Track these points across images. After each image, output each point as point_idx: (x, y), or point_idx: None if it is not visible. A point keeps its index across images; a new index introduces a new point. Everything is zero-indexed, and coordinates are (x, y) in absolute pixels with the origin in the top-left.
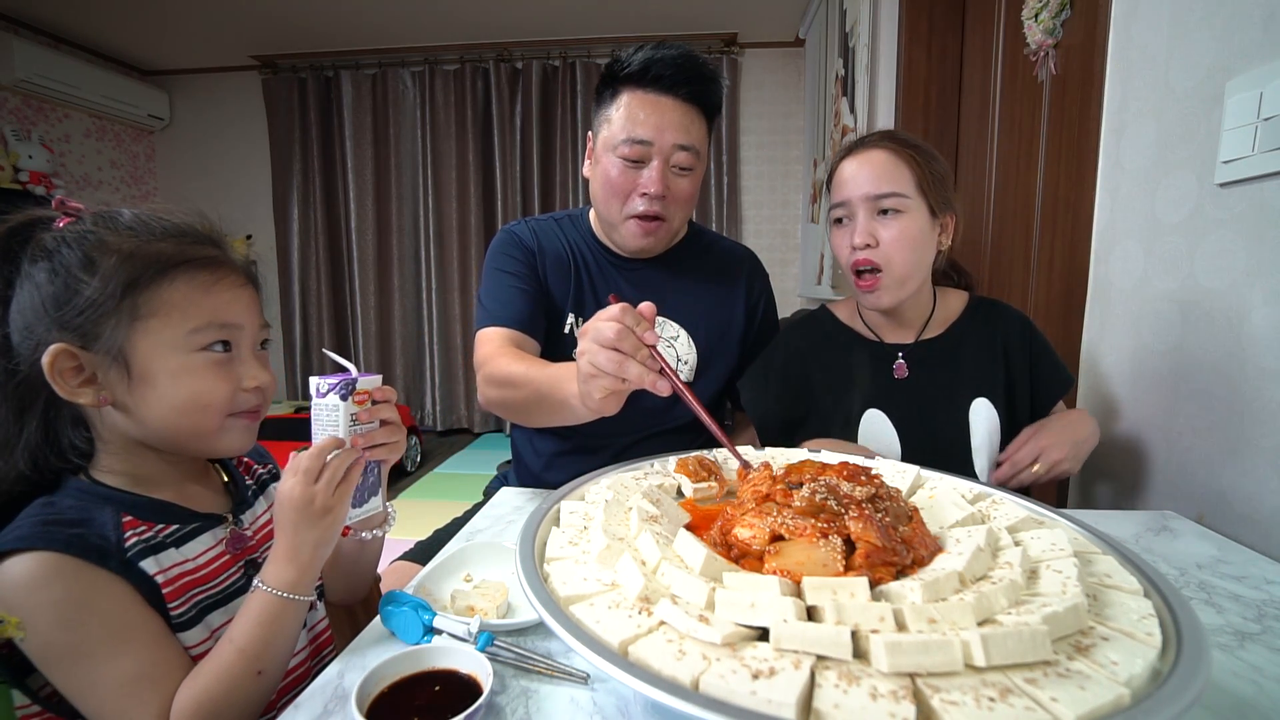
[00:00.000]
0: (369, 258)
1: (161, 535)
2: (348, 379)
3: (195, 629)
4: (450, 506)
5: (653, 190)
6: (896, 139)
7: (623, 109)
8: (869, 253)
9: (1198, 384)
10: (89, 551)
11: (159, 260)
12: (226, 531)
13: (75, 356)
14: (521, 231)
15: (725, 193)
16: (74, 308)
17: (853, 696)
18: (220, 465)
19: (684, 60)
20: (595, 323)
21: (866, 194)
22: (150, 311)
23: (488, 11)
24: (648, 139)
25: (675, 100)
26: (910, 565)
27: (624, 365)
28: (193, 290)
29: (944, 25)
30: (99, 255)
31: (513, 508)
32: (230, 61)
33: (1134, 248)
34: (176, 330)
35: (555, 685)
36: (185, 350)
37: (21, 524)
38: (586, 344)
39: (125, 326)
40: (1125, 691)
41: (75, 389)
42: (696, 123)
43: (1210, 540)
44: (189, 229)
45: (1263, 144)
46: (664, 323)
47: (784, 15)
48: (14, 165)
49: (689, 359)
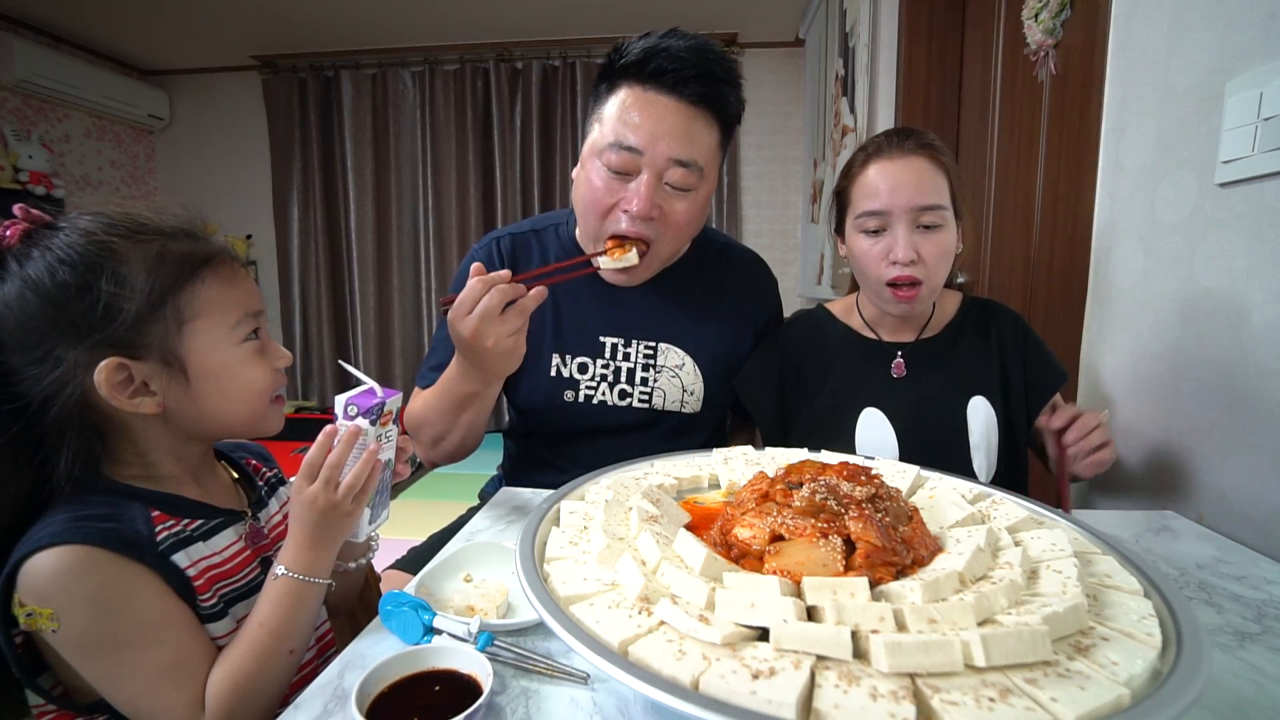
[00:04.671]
0: (369, 258)
1: (189, 529)
2: (377, 403)
3: (223, 621)
4: (450, 507)
5: (635, 208)
6: (932, 145)
7: (616, 107)
8: (913, 269)
9: (1197, 384)
10: (124, 545)
11: (185, 261)
12: (246, 527)
13: (126, 368)
14: (489, 255)
15: (725, 193)
16: (120, 324)
17: (853, 697)
18: (228, 462)
19: (694, 53)
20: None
21: (910, 205)
22: (194, 313)
23: (488, 11)
24: (637, 147)
25: (678, 101)
26: (910, 565)
27: (490, 298)
28: (222, 285)
29: (944, 25)
30: (117, 265)
31: (512, 508)
32: (230, 61)
33: (1134, 248)
34: (222, 327)
35: (555, 685)
36: (232, 344)
37: (52, 523)
38: (461, 326)
39: (174, 332)
40: (1125, 692)
41: (131, 400)
42: (704, 132)
43: (1210, 540)
44: (187, 226)
45: (1263, 144)
46: (667, 349)
47: (784, 15)
48: (14, 165)
49: (695, 389)
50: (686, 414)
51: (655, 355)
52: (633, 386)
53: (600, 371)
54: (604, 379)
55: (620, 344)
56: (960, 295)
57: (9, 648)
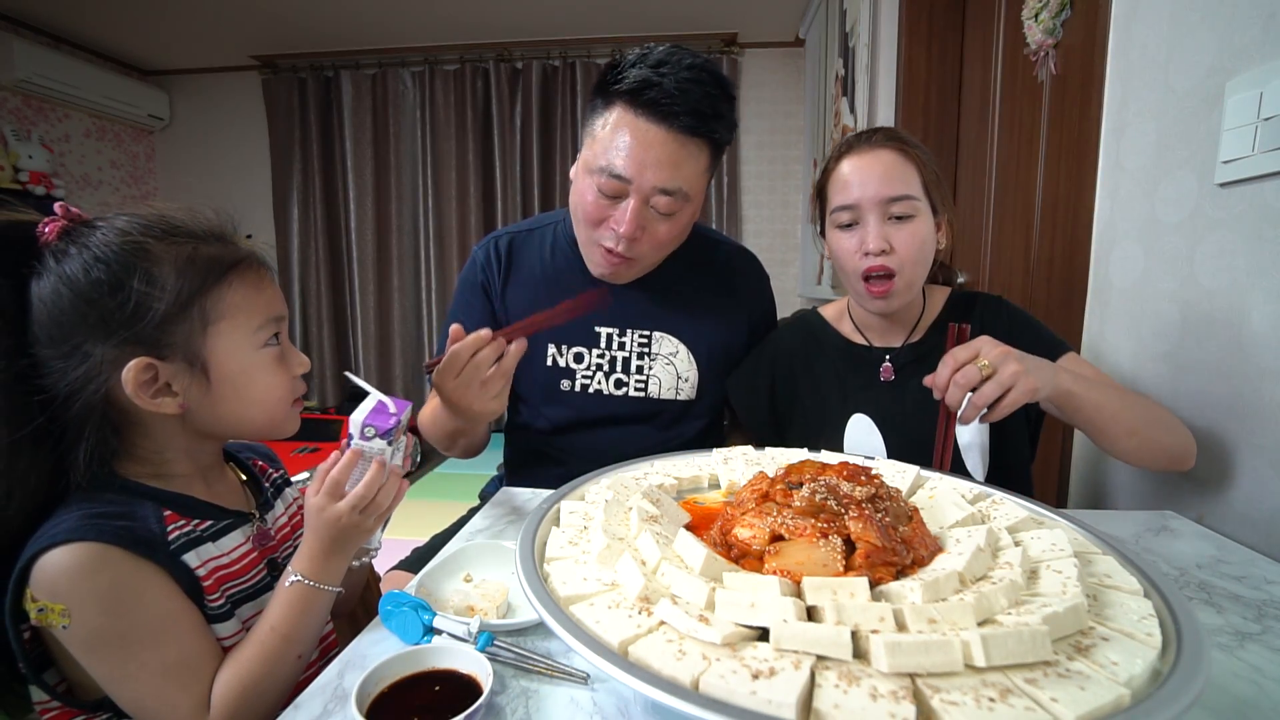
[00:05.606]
0: (369, 258)
1: (199, 530)
2: (394, 423)
3: (229, 621)
4: (450, 507)
5: (623, 231)
6: (900, 138)
7: (609, 129)
8: (884, 259)
9: (1197, 384)
10: (137, 543)
11: (214, 264)
12: (253, 528)
13: (154, 368)
14: (487, 256)
15: (725, 193)
16: (149, 322)
17: (853, 697)
18: (237, 464)
19: (688, 89)
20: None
21: (878, 196)
22: (219, 315)
23: (488, 11)
24: (626, 175)
25: (669, 132)
26: (910, 565)
27: (471, 372)
28: (247, 289)
29: (944, 25)
30: (150, 265)
31: (512, 508)
32: (230, 61)
33: (1134, 248)
34: (244, 330)
35: (555, 685)
36: (253, 348)
37: (66, 519)
38: (446, 390)
39: (199, 333)
40: (1125, 692)
41: (154, 400)
42: (691, 159)
43: (1210, 540)
44: (218, 229)
45: (1263, 144)
46: (661, 338)
47: (784, 15)
48: (14, 165)
49: (689, 376)
50: (682, 401)
51: (650, 344)
52: (628, 375)
53: (596, 361)
54: (599, 368)
55: (615, 334)
56: (947, 291)
57: (17, 643)
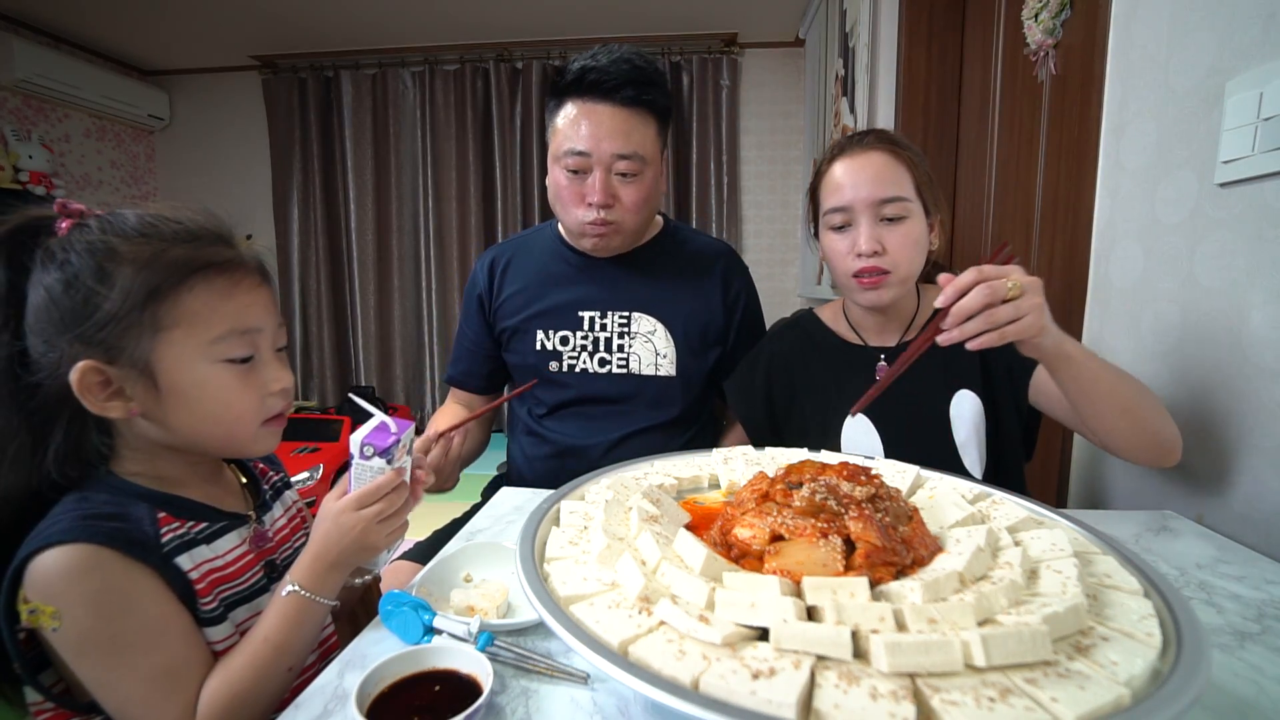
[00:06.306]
0: (369, 258)
1: (194, 532)
2: (394, 441)
3: (222, 625)
4: (450, 506)
5: (596, 200)
6: (892, 139)
7: (565, 120)
8: (877, 260)
9: (1197, 384)
10: (130, 545)
11: (176, 268)
12: (250, 531)
13: (102, 371)
14: (481, 266)
15: (725, 193)
16: (95, 323)
17: (853, 697)
18: (237, 466)
19: (620, 65)
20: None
21: (870, 198)
22: (172, 322)
23: (488, 11)
24: (585, 150)
25: (614, 107)
26: (910, 565)
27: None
28: (212, 297)
29: (944, 25)
30: (112, 265)
31: (513, 507)
32: (230, 61)
33: (1134, 248)
34: (199, 340)
35: (555, 685)
36: (209, 360)
37: (60, 519)
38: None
39: (148, 339)
40: (1125, 692)
41: (104, 403)
42: (640, 127)
43: (1210, 540)
44: (200, 230)
45: (1263, 144)
46: (639, 317)
47: (784, 15)
48: (14, 165)
49: (667, 352)
50: (663, 378)
51: (629, 323)
52: (610, 354)
53: (580, 342)
54: (584, 349)
55: (596, 316)
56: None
57: (12, 644)
